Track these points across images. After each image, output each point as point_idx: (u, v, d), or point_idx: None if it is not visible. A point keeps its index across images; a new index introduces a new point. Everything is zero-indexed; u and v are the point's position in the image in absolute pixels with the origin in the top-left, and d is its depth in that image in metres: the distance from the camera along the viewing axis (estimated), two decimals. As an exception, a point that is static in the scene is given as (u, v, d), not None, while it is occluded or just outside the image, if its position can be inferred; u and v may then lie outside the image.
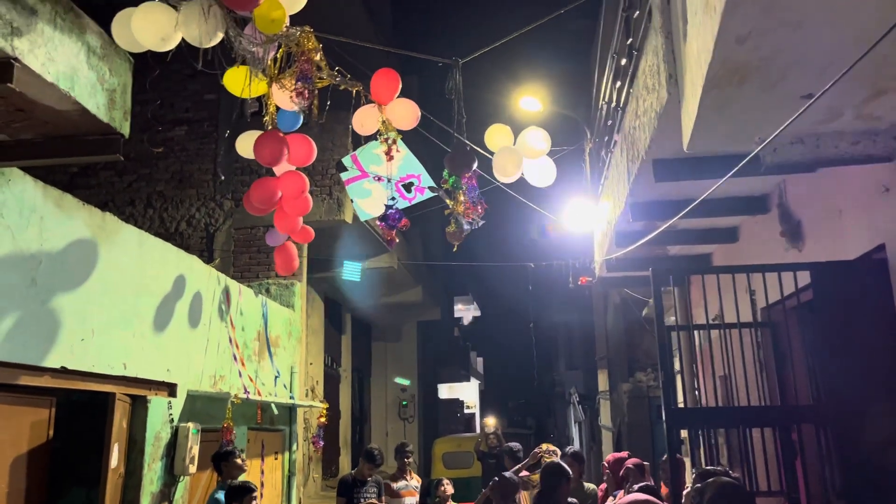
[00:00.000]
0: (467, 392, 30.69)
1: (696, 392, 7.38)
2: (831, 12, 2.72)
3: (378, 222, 5.45)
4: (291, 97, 4.47)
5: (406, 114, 5.19)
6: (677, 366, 7.59)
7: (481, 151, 5.94)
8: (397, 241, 5.39)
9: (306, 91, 4.37)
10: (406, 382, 17.61)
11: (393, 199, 5.38)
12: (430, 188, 5.76)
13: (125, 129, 4.20)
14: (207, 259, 9.55)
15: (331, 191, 10.04)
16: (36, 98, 3.71)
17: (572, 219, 9.71)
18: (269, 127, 4.96)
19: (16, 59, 3.41)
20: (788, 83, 3.26)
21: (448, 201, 5.59)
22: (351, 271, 10.53)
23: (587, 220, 9.52)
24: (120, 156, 4.23)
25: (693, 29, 3.43)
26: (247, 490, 5.21)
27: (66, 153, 4.27)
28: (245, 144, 5.47)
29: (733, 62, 3.10)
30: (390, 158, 5.19)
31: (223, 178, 10.16)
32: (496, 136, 5.96)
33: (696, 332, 6.97)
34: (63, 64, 3.71)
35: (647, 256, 7.55)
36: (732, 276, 5.19)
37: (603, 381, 18.42)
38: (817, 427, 4.70)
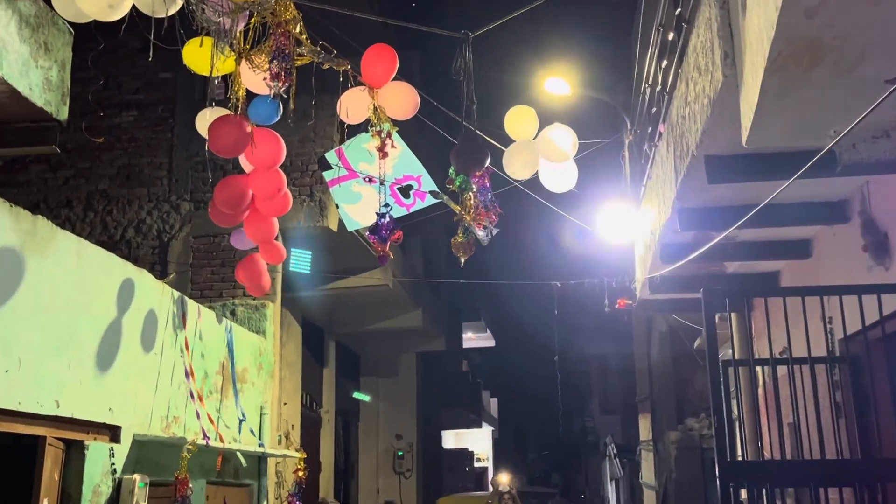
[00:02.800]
0: (478, 441, 30.66)
1: (759, 442, 7.37)
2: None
3: (368, 234, 5.42)
4: (265, 79, 4.52)
5: (403, 100, 5.22)
6: (735, 410, 7.59)
7: (496, 144, 5.96)
8: (391, 256, 5.38)
9: (283, 72, 4.42)
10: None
11: (387, 205, 5.37)
12: (433, 193, 5.78)
13: (63, 115, 4.27)
14: (160, 274, 9.61)
15: (312, 191, 10.10)
16: (-44, 77, 3.78)
17: (608, 228, 9.74)
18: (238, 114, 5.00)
19: (-67, 31, 3.48)
20: (868, 66, 3.30)
21: (455, 207, 5.62)
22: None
23: (626, 229, 9.55)
24: (56, 147, 4.30)
25: (753, -1, 3.48)
26: None
27: (-9, 144, 4.34)
28: (205, 123, 5.42)
29: (802, 40, 3.14)
30: (384, 156, 5.20)
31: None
32: (520, 122, 5.95)
33: (758, 369, 6.97)
34: (-11, 36, 3.79)
35: (699, 275, 7.58)
36: (803, 299, 5.21)
37: (645, 429, 18.38)
38: (907, 486, 4.71)
